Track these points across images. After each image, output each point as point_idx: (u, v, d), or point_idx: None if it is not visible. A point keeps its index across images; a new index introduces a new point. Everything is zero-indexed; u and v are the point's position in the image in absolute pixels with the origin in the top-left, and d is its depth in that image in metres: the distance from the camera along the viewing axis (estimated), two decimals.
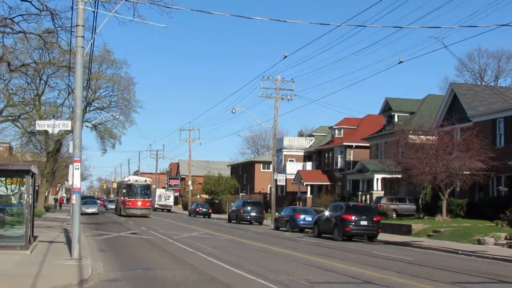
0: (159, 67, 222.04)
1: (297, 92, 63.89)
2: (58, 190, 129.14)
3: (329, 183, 74.05)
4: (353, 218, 35.14)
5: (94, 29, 22.73)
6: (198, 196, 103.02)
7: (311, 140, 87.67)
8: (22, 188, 21.71)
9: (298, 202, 71.66)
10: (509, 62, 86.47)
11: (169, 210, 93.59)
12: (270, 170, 69.53)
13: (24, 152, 76.95)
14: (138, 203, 61.37)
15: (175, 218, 64.94)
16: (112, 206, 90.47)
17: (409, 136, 47.83)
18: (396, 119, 60.54)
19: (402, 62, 36.48)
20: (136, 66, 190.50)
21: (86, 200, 69.39)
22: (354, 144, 69.74)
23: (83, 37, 20.14)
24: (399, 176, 50.90)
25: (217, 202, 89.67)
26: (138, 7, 25.21)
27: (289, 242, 32.67)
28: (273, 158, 61.72)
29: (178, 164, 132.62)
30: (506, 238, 31.14)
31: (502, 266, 22.80)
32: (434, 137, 45.39)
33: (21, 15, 27.90)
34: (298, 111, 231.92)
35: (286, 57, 46.65)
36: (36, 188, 33.47)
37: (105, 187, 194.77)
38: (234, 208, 60.50)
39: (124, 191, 63.61)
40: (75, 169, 20.28)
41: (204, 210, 76.80)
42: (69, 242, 22.37)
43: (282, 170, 78.09)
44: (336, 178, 72.47)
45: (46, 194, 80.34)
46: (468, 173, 41.82)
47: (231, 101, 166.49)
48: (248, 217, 56.75)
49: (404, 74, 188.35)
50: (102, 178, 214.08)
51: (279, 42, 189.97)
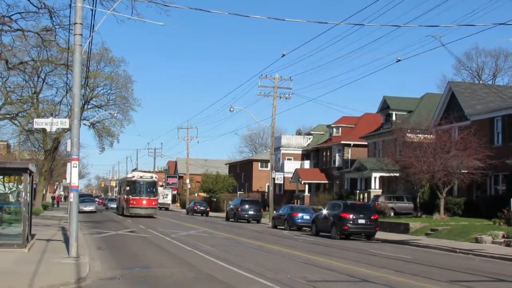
0: (157, 65, 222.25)
1: (295, 90, 64.44)
2: (56, 188, 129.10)
3: (327, 182, 74.08)
4: (351, 216, 35.16)
5: (92, 27, 22.76)
6: (196, 194, 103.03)
7: (309, 138, 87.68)
8: (20, 186, 21.67)
9: (296, 201, 71.68)
10: (506, 61, 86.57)
11: (167, 209, 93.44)
12: (268, 168, 69.48)
13: (22, 150, 76.82)
14: (143, 202, 55.50)
15: (173, 216, 64.88)
16: (113, 205, 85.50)
17: (407, 134, 47.88)
18: (394, 118, 60.58)
19: (400, 60, 36.55)
20: (134, 64, 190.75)
21: (84, 198, 69.33)
22: (352, 142, 69.80)
23: (81, 35, 20.13)
24: (397, 174, 50.98)
25: (215, 200, 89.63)
26: (136, 5, 25.29)
27: (287, 241, 32.66)
28: (271, 156, 61.75)
29: (176, 162, 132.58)
30: (503, 237, 31.15)
31: (499, 264, 22.82)
32: (432, 135, 45.45)
33: (19, 13, 27.89)
34: (296, 110, 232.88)
35: (284, 55, 46.77)
36: (34, 186, 33.40)
37: (103, 185, 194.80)
38: (232, 206, 60.51)
39: (127, 189, 57.61)
40: (73, 167, 20.26)
41: (202, 208, 76.79)
42: (66, 240, 22.35)
43: (280, 169, 78.17)
44: (334, 176, 72.49)
45: (44, 192, 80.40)
46: (465, 171, 41.86)
47: (229, 99, 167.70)
48: (246, 215, 56.78)
49: (402, 73, 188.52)
50: (100, 176, 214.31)
51: (277, 40, 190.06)
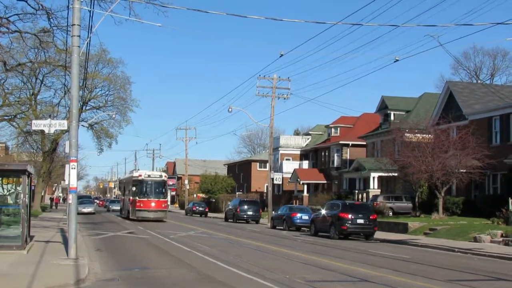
0: (155, 66, 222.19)
1: (293, 90, 64.61)
2: (54, 189, 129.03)
3: (325, 182, 74.11)
4: (349, 216, 35.17)
5: (90, 28, 22.73)
6: (195, 195, 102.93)
7: (308, 138, 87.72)
8: (18, 188, 21.67)
9: (294, 201, 71.64)
10: (504, 60, 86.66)
11: None
12: (267, 169, 69.40)
13: (20, 152, 76.73)
14: (152, 204, 49.31)
15: (172, 217, 64.58)
16: (115, 207, 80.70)
17: (405, 134, 47.91)
18: (392, 118, 60.62)
19: (398, 60, 36.58)
20: (132, 65, 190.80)
21: (83, 199, 69.27)
22: (350, 142, 69.83)
23: (79, 36, 20.14)
24: (396, 174, 51.02)
25: (213, 201, 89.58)
26: (134, 6, 25.22)
27: (286, 241, 32.67)
28: (269, 157, 61.71)
29: (174, 163, 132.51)
30: (502, 236, 31.19)
31: (498, 263, 22.84)
32: (430, 135, 45.47)
33: (16, 15, 27.85)
34: (295, 110, 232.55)
35: (282, 55, 46.70)
36: (32, 187, 33.37)
37: (101, 187, 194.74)
38: (230, 207, 60.45)
39: (133, 189, 50.76)
40: (72, 168, 20.26)
41: (200, 209, 76.69)
42: (65, 242, 22.34)
43: (279, 169, 78.22)
44: (332, 176, 72.52)
45: (42, 194, 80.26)
46: (464, 171, 41.90)
47: (228, 100, 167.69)
48: (244, 216, 56.70)
49: (400, 73, 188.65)
50: (99, 177, 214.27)
51: (275, 40, 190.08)
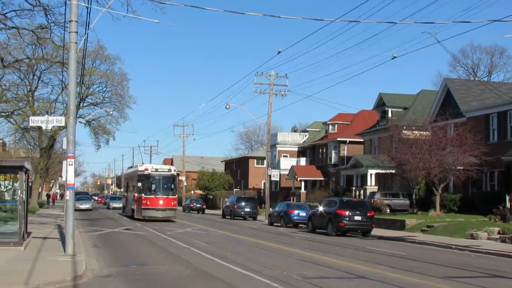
0: (153, 63, 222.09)
1: (291, 87, 64.22)
2: (51, 186, 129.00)
3: (323, 179, 74.20)
4: (347, 213, 35.17)
5: (87, 24, 22.74)
6: (192, 191, 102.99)
7: (305, 135, 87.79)
8: (15, 184, 21.66)
9: (292, 198, 71.78)
10: (502, 57, 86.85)
11: None
12: (264, 165, 69.47)
13: (17, 148, 76.75)
14: (160, 202, 43.95)
15: None
16: (116, 205, 75.33)
17: (402, 131, 47.94)
18: (389, 115, 60.72)
19: (395, 57, 36.61)
20: (130, 62, 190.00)
21: (80, 196, 69.32)
22: (348, 139, 69.91)
23: (77, 32, 20.11)
24: (393, 171, 50.99)
25: (211, 197, 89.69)
26: (131, 3, 25.21)
27: (283, 238, 32.68)
28: (267, 153, 61.70)
29: (172, 160, 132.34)
30: (499, 233, 31.21)
31: (495, 260, 22.86)
32: (427, 132, 45.53)
33: (14, 11, 27.85)
34: (292, 107, 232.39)
35: (280, 52, 46.63)
36: (29, 184, 33.34)
37: (99, 183, 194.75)
38: (228, 203, 60.37)
39: (139, 185, 45.15)
40: (69, 165, 20.26)
41: (198, 205, 76.69)
42: (63, 238, 22.35)
43: (276, 166, 78.25)
44: (330, 173, 72.62)
45: (40, 190, 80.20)
46: (461, 168, 41.95)
47: (225, 96, 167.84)
48: (242, 212, 56.68)
49: (397, 70, 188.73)
50: (96, 174, 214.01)
51: (273, 37, 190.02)
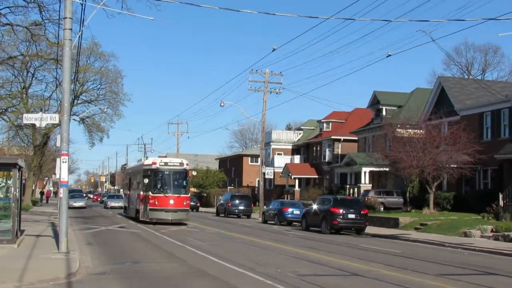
0: (148, 60, 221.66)
1: (285, 85, 64.04)
2: (45, 183, 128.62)
3: (317, 177, 74.21)
4: (340, 211, 35.25)
5: (82, 21, 22.67)
6: None
7: (299, 133, 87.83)
8: (9, 181, 21.63)
9: (286, 196, 71.79)
10: (496, 56, 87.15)
11: None
12: (258, 163, 69.51)
13: (11, 146, 76.44)
14: (170, 202, 36.47)
15: None
16: (115, 204, 71.41)
17: (396, 129, 48.05)
18: (384, 113, 60.76)
19: (390, 55, 36.84)
20: (124, 59, 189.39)
21: (74, 193, 69.13)
22: (342, 137, 69.93)
23: (71, 29, 20.10)
24: (387, 169, 51.11)
25: (205, 195, 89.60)
26: (126, 0, 25.18)
27: (277, 236, 32.73)
28: (261, 151, 61.80)
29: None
30: (492, 231, 31.32)
31: (488, 258, 22.94)
32: (421, 130, 45.63)
33: (8, 7, 27.79)
34: (287, 105, 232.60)
35: (274, 50, 46.83)
36: (23, 181, 33.27)
37: (92, 181, 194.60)
38: (222, 201, 60.45)
39: (145, 181, 37.68)
40: (63, 162, 20.24)
41: (192, 203, 76.54)
42: (56, 236, 22.33)
43: (270, 164, 78.20)
44: (324, 171, 72.64)
45: (33, 188, 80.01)
46: (455, 166, 42.04)
47: (220, 94, 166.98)
48: (236, 210, 56.77)
49: (392, 68, 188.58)
50: (90, 171, 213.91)
51: (268, 35, 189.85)
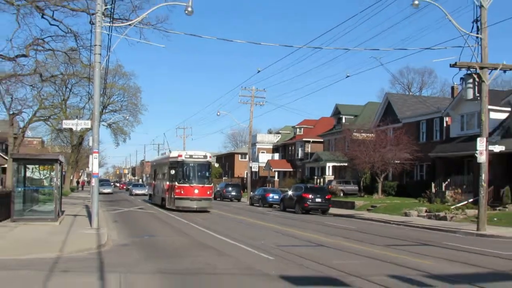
0: (160, 77, 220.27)
1: (268, 98, 64.27)
2: (80, 175, 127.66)
3: (292, 170, 74.38)
4: (310, 196, 35.39)
5: (108, 48, 22.62)
6: None
7: (278, 136, 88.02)
8: (52, 173, 21.63)
9: (268, 184, 71.86)
10: (430, 77, 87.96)
11: None
12: (247, 159, 69.62)
13: (53, 145, 76.04)
14: (195, 191, 32.19)
15: None
16: (139, 192, 65.53)
17: (353, 133, 48.34)
18: (343, 120, 61.06)
19: (348, 76, 37.17)
20: (142, 76, 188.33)
21: (103, 182, 68.83)
22: (311, 139, 70.14)
23: (100, 54, 20.06)
24: (346, 164, 51.39)
25: None
26: (143, 31, 25.15)
27: (261, 215, 32.77)
28: (248, 150, 62.01)
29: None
30: (426, 211, 31.58)
31: (423, 232, 23.12)
32: (372, 134, 45.91)
33: (50, 36, 27.67)
34: (269, 114, 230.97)
35: (259, 71, 46.95)
36: (63, 173, 33.16)
37: (117, 173, 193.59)
38: (218, 188, 60.38)
39: (172, 173, 33.33)
40: (94, 158, 20.24)
41: None
42: (89, 216, 22.32)
43: (256, 160, 78.34)
44: (297, 165, 72.82)
45: (71, 178, 79.49)
46: (398, 162, 42.36)
47: (217, 105, 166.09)
48: (229, 195, 56.84)
49: (350, 85, 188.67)
50: (116, 165, 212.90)
51: (255, 58, 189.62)
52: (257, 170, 75.25)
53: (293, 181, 63.03)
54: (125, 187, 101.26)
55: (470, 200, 32.68)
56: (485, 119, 22.79)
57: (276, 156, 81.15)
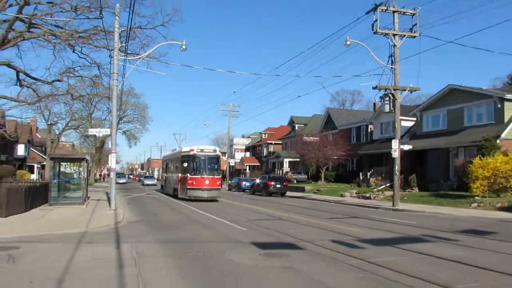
0: (163, 95, 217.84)
1: (241, 111, 64.05)
2: (102, 169, 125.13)
3: (259, 164, 74.35)
4: (272, 183, 35.46)
5: (123, 75, 22.29)
6: None
7: (249, 139, 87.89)
8: (80, 168, 21.16)
9: (241, 175, 71.67)
10: (358, 96, 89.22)
11: None
12: (226, 157, 69.36)
13: (81, 147, 74.52)
14: (206, 182, 27.29)
15: None
16: (149, 182, 57.94)
17: (304, 137, 48.58)
18: (296, 128, 61.34)
19: (300, 96, 37.36)
20: (149, 95, 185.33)
21: (119, 175, 67.62)
22: (273, 142, 70.32)
23: (117, 79, 19.72)
24: (298, 159, 51.62)
25: None
26: (149, 63, 24.80)
27: (237, 197, 32.64)
28: (227, 150, 61.84)
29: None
30: (356, 193, 31.91)
31: (354, 209, 23.30)
32: (317, 138, 46.25)
33: (79, 66, 26.96)
34: (243, 122, 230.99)
35: (235, 92, 46.94)
36: (88, 168, 32.40)
37: (130, 168, 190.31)
38: None
39: (184, 165, 28.20)
40: (112, 157, 19.87)
41: None
42: (109, 200, 21.89)
43: (233, 157, 78.14)
44: (263, 161, 72.89)
45: (95, 172, 78.02)
46: (335, 157, 42.75)
47: (204, 116, 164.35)
48: None
49: (302, 102, 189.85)
50: (129, 162, 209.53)
51: (231, 82, 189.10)
52: (233, 164, 75.13)
53: (260, 172, 63.02)
54: (137, 179, 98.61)
55: (388, 184, 33.17)
56: (397, 126, 23.17)
57: (247, 154, 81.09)
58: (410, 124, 36.55)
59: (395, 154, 22.42)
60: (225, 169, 78.75)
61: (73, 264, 8.29)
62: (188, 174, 27.28)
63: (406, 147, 24.01)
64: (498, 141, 25.98)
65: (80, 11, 19.48)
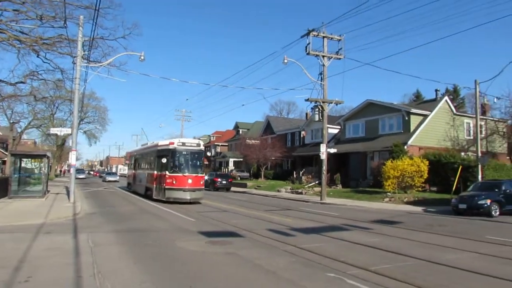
0: (121, 98, 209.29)
1: (193, 116, 63.11)
2: (62, 165, 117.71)
3: (207, 163, 73.54)
4: (219, 180, 35.15)
5: (85, 80, 21.11)
6: None
7: (202, 141, 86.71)
8: (41, 164, 19.74)
9: None
10: (293, 106, 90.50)
11: None
12: None
13: (43, 145, 69.66)
14: (188, 181, 18.96)
15: None
16: (111, 179, 48.90)
17: (246, 140, 48.69)
18: (240, 132, 61.41)
19: (244, 105, 37.41)
20: (109, 99, 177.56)
21: (79, 171, 63.94)
22: (220, 143, 69.86)
23: (79, 84, 18.64)
24: (242, 159, 51.62)
25: None
26: (110, 70, 23.75)
27: None
28: None
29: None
30: (290, 189, 32.22)
31: (288, 202, 23.49)
32: (258, 141, 46.54)
33: (43, 70, 25.24)
34: (194, 126, 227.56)
35: (187, 99, 45.74)
36: (49, 164, 30.32)
37: (90, 164, 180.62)
38: None
39: (162, 161, 19.50)
40: (73, 154, 18.72)
41: None
42: (68, 193, 20.58)
43: None
44: (211, 160, 72.15)
45: (56, 168, 73.24)
46: (274, 158, 43.20)
47: (160, 120, 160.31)
48: None
49: (246, 110, 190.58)
50: (88, 159, 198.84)
51: (184, 91, 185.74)
52: None
53: (208, 170, 62.31)
54: (98, 175, 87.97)
55: (317, 182, 33.95)
56: (325, 133, 23.87)
57: None
58: (336, 131, 37.83)
59: (323, 156, 23.09)
60: None
61: (30, 253, 7.68)
62: (166, 172, 19.31)
63: (332, 151, 24.71)
64: (405, 147, 27.58)
65: (45, 20, 18.23)
